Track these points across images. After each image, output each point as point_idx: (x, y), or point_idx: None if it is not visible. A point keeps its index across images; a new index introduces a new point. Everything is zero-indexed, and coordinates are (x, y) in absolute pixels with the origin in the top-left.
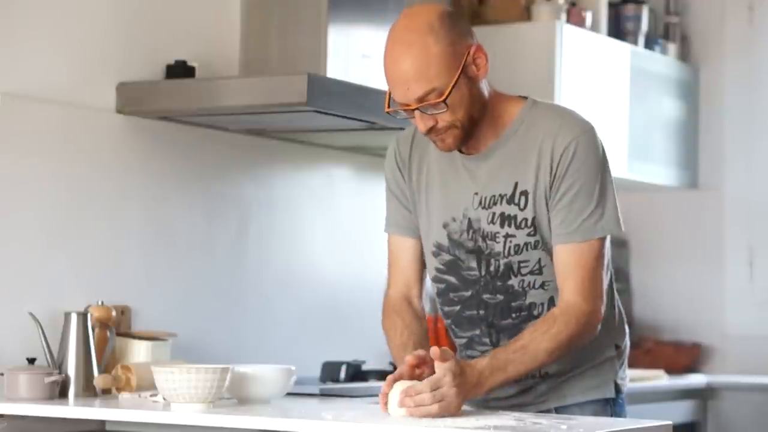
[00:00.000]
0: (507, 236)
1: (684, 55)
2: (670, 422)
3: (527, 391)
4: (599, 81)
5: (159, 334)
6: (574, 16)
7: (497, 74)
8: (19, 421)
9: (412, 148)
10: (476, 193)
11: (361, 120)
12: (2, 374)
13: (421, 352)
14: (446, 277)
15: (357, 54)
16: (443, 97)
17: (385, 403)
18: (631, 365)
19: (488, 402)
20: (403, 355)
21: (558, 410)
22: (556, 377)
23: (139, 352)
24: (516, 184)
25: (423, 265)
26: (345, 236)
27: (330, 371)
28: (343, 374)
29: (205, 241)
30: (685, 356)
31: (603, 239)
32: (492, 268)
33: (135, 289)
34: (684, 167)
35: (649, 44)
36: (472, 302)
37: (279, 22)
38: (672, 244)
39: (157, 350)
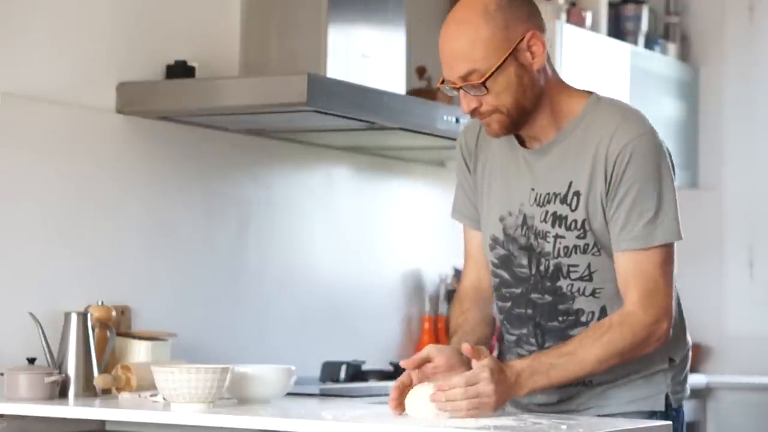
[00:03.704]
0: (557, 237)
1: (684, 55)
2: (669, 422)
3: (570, 399)
4: (599, 81)
5: (159, 334)
6: (574, 16)
7: None
8: (19, 421)
9: (479, 138)
10: (533, 189)
11: (360, 120)
12: (2, 374)
13: (422, 353)
14: (500, 272)
15: (357, 54)
16: (483, 79)
17: (396, 406)
18: None
19: (529, 406)
20: (451, 342)
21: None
22: (600, 385)
23: (139, 352)
24: (570, 184)
25: None
26: (344, 236)
27: (330, 371)
28: (343, 374)
29: (205, 241)
30: None
31: (666, 247)
32: (542, 268)
33: (135, 289)
34: (684, 167)
35: (649, 44)
36: (521, 300)
37: (279, 22)
38: None
39: (157, 350)
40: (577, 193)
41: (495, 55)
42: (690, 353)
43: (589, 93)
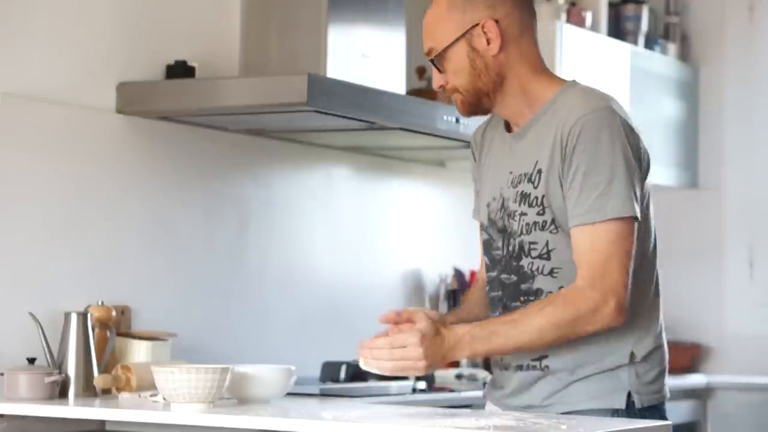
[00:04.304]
0: (521, 214)
1: (684, 55)
2: (669, 422)
3: (530, 388)
4: (599, 81)
5: (159, 334)
6: (574, 16)
7: None
8: (19, 421)
9: (484, 133)
10: (510, 172)
11: (360, 120)
12: (2, 374)
13: (407, 314)
14: (485, 257)
15: (357, 54)
16: (432, 57)
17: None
18: None
19: (498, 399)
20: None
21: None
22: (558, 375)
23: (139, 352)
24: (536, 163)
25: None
26: (344, 236)
27: (330, 371)
28: (343, 374)
29: (205, 241)
30: (684, 356)
31: (620, 222)
32: (510, 248)
33: (135, 289)
34: (684, 167)
35: (649, 44)
36: (495, 283)
37: (279, 22)
38: (672, 244)
39: (157, 350)
40: (539, 171)
41: (448, 36)
42: (665, 354)
43: (567, 81)
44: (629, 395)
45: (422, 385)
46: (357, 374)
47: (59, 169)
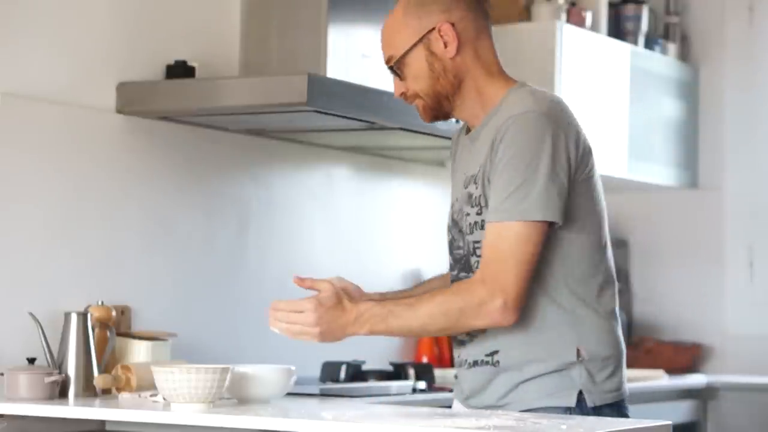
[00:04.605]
0: (467, 214)
1: (684, 55)
2: (670, 422)
3: (486, 388)
4: (599, 81)
5: (159, 334)
6: (574, 16)
7: None
8: (19, 421)
9: (457, 138)
10: (464, 174)
11: (361, 120)
12: (2, 374)
13: (317, 284)
14: (450, 257)
15: (357, 54)
16: (391, 64)
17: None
18: (631, 365)
19: (462, 401)
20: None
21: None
22: (510, 372)
23: (139, 352)
24: (480, 165)
25: None
26: (344, 236)
27: (330, 371)
28: (343, 374)
29: (205, 241)
30: (685, 356)
31: (528, 224)
32: (466, 247)
33: (135, 289)
34: (684, 167)
35: (649, 44)
36: (456, 281)
37: (279, 22)
38: (672, 244)
39: (157, 350)
40: (481, 172)
41: (405, 42)
42: (619, 352)
43: (517, 83)
44: (581, 393)
45: (422, 385)
46: (357, 374)
47: (59, 169)
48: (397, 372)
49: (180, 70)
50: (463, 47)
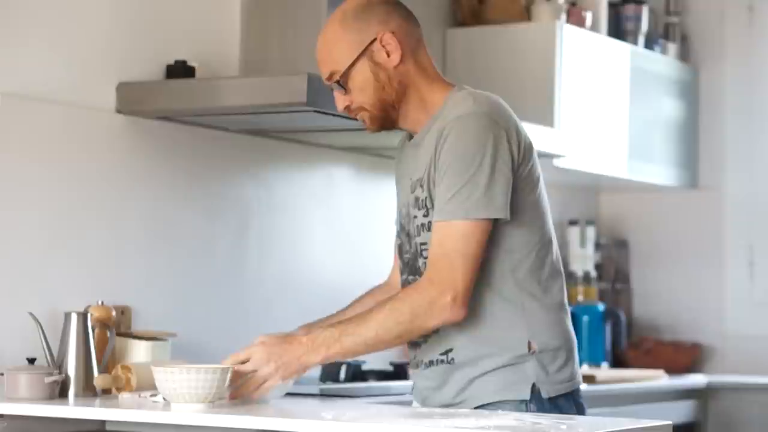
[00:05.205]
0: (414, 217)
1: (684, 55)
2: (670, 422)
3: (442, 387)
4: (599, 81)
5: (159, 334)
6: (574, 16)
7: (497, 74)
8: (19, 421)
9: (402, 147)
10: (410, 179)
11: None
12: (2, 374)
13: (244, 355)
14: (399, 261)
15: None
16: (336, 79)
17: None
18: (631, 365)
19: (421, 401)
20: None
21: (479, 409)
22: (465, 369)
23: (139, 352)
24: (425, 168)
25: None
26: (345, 236)
27: (330, 371)
28: (343, 374)
29: (205, 241)
30: (684, 356)
31: (472, 222)
32: (413, 250)
33: (135, 289)
34: (684, 167)
35: (649, 44)
36: (405, 285)
37: (279, 22)
38: (672, 244)
39: (157, 350)
40: (426, 174)
41: (348, 56)
42: (570, 341)
43: (454, 86)
44: (534, 385)
45: None
46: (357, 374)
47: (59, 169)
48: (397, 372)
49: (180, 70)
50: (405, 55)
